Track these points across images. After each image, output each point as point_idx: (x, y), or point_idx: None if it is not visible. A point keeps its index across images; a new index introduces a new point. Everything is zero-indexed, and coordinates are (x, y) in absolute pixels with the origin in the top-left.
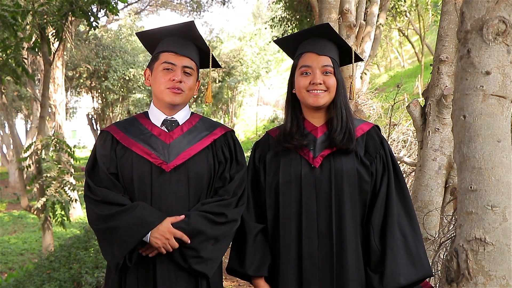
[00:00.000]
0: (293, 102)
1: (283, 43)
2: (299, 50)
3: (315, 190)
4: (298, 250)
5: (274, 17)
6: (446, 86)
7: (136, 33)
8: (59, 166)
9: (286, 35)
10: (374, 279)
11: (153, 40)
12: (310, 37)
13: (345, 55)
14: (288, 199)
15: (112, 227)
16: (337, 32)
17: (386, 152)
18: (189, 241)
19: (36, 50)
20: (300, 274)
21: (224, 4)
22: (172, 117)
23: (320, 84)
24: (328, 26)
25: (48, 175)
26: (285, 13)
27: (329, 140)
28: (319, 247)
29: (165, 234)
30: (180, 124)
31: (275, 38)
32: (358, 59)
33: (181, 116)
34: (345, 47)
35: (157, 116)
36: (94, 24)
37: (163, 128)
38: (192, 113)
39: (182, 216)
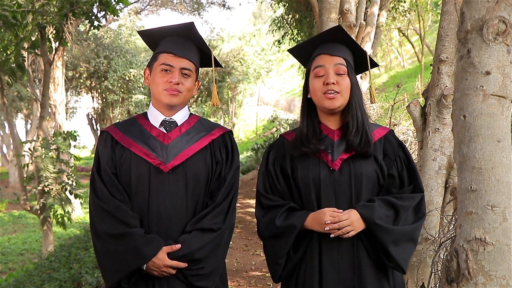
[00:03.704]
0: (308, 106)
1: (296, 51)
2: (312, 55)
3: (335, 193)
4: (319, 253)
5: (275, 19)
6: (446, 86)
7: (138, 31)
8: (58, 168)
9: (286, 37)
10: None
11: (154, 39)
12: (323, 42)
13: (361, 61)
14: (307, 202)
15: (109, 250)
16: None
17: (406, 154)
18: (186, 265)
19: (36, 48)
20: (321, 278)
21: (224, 6)
22: (170, 118)
23: (334, 84)
24: (341, 29)
25: (45, 175)
26: (285, 14)
27: (346, 143)
28: (339, 250)
29: (160, 267)
30: (178, 125)
31: (275, 39)
32: (375, 64)
33: (180, 117)
34: (359, 51)
35: (155, 117)
36: (96, 23)
37: (162, 129)
38: (191, 114)
39: (178, 246)
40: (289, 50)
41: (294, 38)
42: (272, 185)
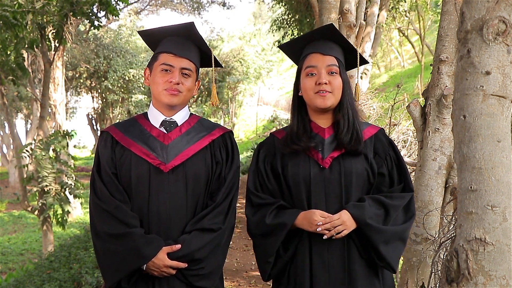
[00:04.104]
0: (299, 104)
1: (287, 47)
2: (303, 53)
3: (324, 191)
4: (309, 252)
5: (276, 20)
6: (446, 86)
7: (138, 31)
8: (57, 168)
9: (286, 37)
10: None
11: (155, 39)
12: (314, 40)
13: (351, 58)
14: (298, 200)
15: (109, 250)
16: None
17: (397, 153)
18: (186, 265)
19: (34, 47)
20: (312, 277)
21: (224, 5)
22: (171, 118)
23: (326, 84)
24: (332, 27)
25: (44, 174)
26: (286, 14)
27: (337, 141)
28: (329, 250)
29: (160, 267)
30: (178, 125)
31: (276, 40)
32: (364, 61)
33: (180, 117)
34: (350, 49)
35: (156, 117)
36: (96, 23)
37: (162, 129)
38: (191, 114)
39: (178, 246)
40: (280, 47)
41: None
42: (262, 183)
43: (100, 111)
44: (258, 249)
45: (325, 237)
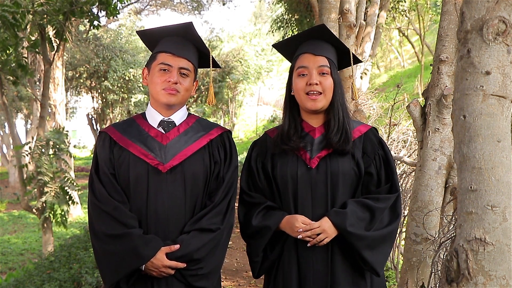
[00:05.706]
0: (291, 103)
1: (281, 47)
2: (296, 53)
3: (311, 191)
4: (296, 253)
5: (276, 20)
6: (446, 86)
7: (137, 31)
8: (56, 167)
9: (286, 36)
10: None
11: (153, 39)
12: (307, 39)
13: (344, 58)
14: (285, 200)
15: (108, 250)
16: (334, 33)
17: (386, 152)
18: (185, 265)
19: (36, 48)
20: (299, 277)
21: (224, 4)
22: (168, 118)
23: (317, 84)
24: (324, 27)
25: (42, 170)
26: (285, 14)
27: (326, 141)
28: (313, 252)
29: (159, 267)
30: (176, 125)
31: (276, 40)
32: (357, 61)
33: (178, 117)
34: (343, 48)
35: (154, 117)
36: (95, 23)
37: (160, 129)
38: (189, 114)
39: (177, 246)
40: (274, 45)
41: None
42: (254, 182)
43: (100, 111)
44: (247, 248)
45: (309, 244)
